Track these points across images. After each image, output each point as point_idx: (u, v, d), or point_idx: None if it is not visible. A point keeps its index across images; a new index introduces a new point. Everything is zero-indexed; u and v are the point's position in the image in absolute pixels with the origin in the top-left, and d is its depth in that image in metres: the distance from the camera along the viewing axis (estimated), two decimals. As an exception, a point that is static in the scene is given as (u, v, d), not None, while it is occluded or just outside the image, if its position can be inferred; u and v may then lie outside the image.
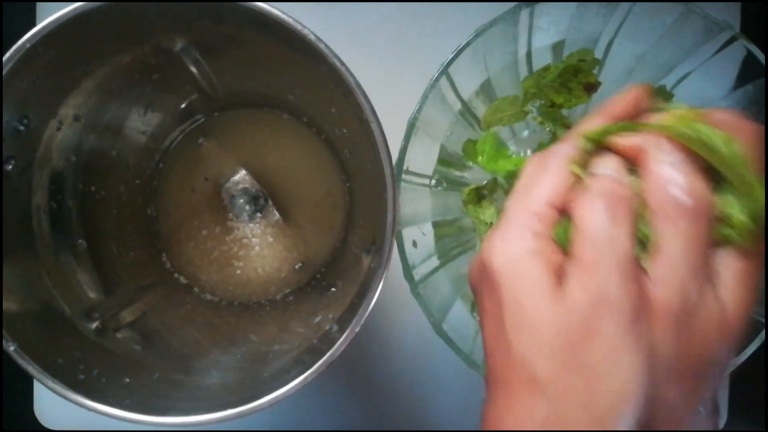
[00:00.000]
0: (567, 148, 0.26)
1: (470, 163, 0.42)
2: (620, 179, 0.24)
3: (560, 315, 0.22)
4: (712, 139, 0.24)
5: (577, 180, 0.25)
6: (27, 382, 0.47)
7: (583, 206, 0.24)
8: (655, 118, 0.26)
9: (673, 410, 0.23)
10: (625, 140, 0.25)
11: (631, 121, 0.26)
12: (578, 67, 0.38)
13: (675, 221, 0.23)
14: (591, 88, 0.39)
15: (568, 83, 0.39)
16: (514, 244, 0.24)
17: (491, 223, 0.40)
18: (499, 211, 0.40)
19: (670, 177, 0.23)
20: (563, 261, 0.24)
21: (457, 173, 0.43)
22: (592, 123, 0.27)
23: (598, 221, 0.23)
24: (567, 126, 0.40)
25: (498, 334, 0.24)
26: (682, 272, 0.22)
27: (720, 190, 0.24)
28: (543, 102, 0.40)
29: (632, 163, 0.25)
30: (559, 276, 0.23)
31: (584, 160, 0.26)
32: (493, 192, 0.41)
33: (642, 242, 0.23)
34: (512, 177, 0.40)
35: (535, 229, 0.24)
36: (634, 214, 0.23)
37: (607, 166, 0.25)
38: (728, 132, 0.24)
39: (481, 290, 0.26)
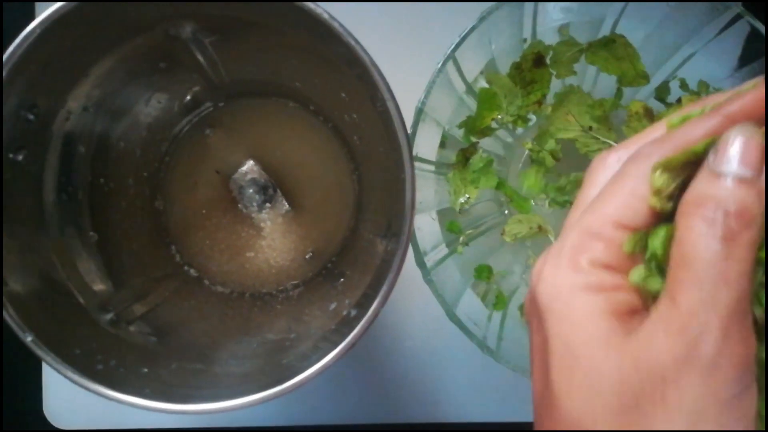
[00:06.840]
0: (655, 150, 0.19)
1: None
2: (754, 183, 0.17)
3: (627, 370, 0.17)
4: None
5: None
6: (36, 382, 0.47)
7: (688, 223, 0.18)
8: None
9: None
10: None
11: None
12: (518, 65, 0.39)
13: None
14: (538, 60, 0.39)
15: (525, 79, 0.39)
16: (562, 274, 0.19)
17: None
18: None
19: None
20: (634, 301, 0.19)
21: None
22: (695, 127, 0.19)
23: (706, 247, 0.17)
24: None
25: (544, 378, 0.20)
26: None
27: None
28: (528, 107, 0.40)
29: None
30: (626, 319, 0.18)
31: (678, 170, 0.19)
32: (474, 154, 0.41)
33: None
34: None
35: (593, 257, 0.19)
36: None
37: (737, 160, 0.18)
38: None
39: (530, 321, 0.21)
